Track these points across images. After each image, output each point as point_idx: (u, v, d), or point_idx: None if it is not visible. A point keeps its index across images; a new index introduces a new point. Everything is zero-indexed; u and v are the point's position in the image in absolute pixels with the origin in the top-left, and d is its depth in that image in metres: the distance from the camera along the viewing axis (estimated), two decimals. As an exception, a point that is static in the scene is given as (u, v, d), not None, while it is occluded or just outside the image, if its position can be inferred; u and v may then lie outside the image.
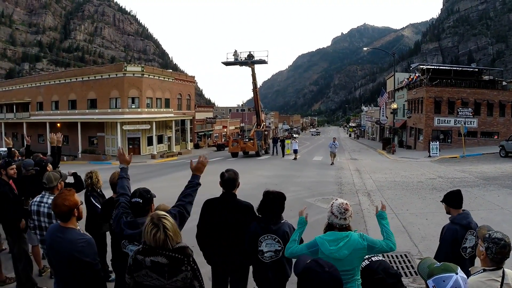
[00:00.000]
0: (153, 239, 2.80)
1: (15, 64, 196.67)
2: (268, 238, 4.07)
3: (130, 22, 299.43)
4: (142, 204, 3.73)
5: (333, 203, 3.66)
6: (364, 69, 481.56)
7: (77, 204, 3.70)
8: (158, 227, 2.81)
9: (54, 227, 3.75)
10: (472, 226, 4.44)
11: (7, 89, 61.40)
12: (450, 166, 24.27)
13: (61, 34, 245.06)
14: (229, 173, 4.50)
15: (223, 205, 4.43)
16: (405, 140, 49.53)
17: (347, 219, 3.60)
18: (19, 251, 5.94)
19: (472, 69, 47.58)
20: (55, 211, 3.65)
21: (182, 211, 3.84)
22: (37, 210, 5.14)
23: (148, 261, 2.85)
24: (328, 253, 3.48)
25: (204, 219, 4.48)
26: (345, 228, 3.62)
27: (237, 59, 42.18)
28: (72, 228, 3.63)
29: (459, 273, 2.37)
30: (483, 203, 12.08)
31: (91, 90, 47.69)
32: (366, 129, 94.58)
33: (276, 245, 4.08)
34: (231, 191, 4.49)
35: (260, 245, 4.08)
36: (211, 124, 70.25)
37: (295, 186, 16.98)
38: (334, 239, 3.55)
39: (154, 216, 2.90)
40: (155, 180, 21.31)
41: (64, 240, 3.51)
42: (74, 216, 3.67)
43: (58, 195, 3.71)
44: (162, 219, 2.86)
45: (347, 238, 3.53)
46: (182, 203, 3.90)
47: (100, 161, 39.71)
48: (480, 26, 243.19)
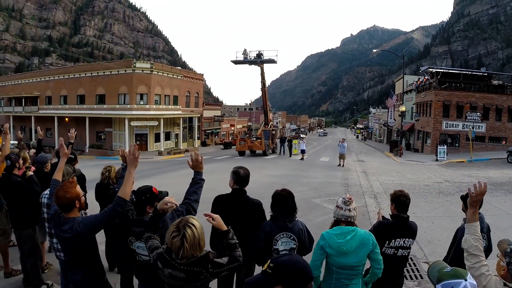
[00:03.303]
0: (170, 243, 2.78)
1: (24, 58, 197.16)
2: (284, 237, 4.07)
3: (139, 19, 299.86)
4: (143, 202, 3.79)
5: (337, 199, 3.80)
6: (372, 71, 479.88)
7: (79, 196, 3.78)
8: (179, 232, 2.74)
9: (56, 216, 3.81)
10: (484, 230, 4.43)
11: (17, 83, 61.76)
12: (457, 171, 24.19)
13: (71, 29, 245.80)
14: (244, 170, 4.61)
15: (235, 201, 4.50)
16: (412, 143, 49.33)
17: (352, 211, 3.69)
18: (31, 247, 5.95)
19: (481, 73, 47.24)
20: (57, 203, 3.72)
21: (189, 208, 3.86)
22: (47, 203, 5.19)
23: (167, 272, 2.86)
24: (336, 246, 3.56)
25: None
26: (351, 223, 3.69)
27: (246, 58, 42.08)
28: (73, 217, 3.71)
29: (469, 279, 2.37)
30: (490, 209, 12.02)
31: (100, 86, 47.96)
32: (374, 131, 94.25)
33: (291, 243, 4.08)
34: (243, 188, 4.57)
35: (276, 244, 4.07)
36: (219, 122, 70.23)
37: (302, 186, 16.96)
38: (340, 232, 3.63)
39: (182, 220, 2.82)
40: (162, 176, 21.38)
41: (67, 229, 3.62)
42: (76, 207, 3.76)
43: (60, 187, 3.78)
44: (187, 227, 2.75)
45: (353, 232, 3.61)
46: (189, 201, 3.92)
47: (107, 156, 39.84)
48: (490, 30, 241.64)
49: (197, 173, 4.14)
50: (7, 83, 64.72)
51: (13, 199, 5.97)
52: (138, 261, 3.84)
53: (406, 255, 4.37)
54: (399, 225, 4.29)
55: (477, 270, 2.80)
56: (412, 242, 4.28)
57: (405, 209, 4.33)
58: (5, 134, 6.49)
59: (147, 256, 3.54)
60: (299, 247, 4.11)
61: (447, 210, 11.92)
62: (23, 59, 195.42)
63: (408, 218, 4.33)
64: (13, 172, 6.02)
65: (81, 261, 3.76)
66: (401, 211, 4.32)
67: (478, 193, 3.00)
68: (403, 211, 4.31)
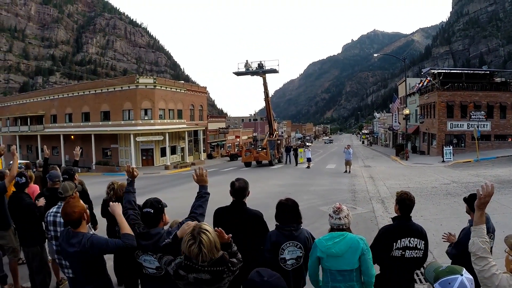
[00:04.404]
0: (188, 251, 2.87)
1: (28, 78, 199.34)
2: (291, 245, 4.09)
3: (141, 35, 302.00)
4: (153, 214, 3.80)
5: (329, 208, 3.93)
6: (375, 76, 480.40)
7: (84, 209, 3.86)
8: (195, 240, 2.85)
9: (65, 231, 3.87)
10: (490, 230, 4.46)
11: (22, 102, 62.37)
12: (464, 171, 24.08)
13: (73, 47, 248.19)
14: (239, 182, 4.60)
15: (233, 213, 4.53)
16: (418, 146, 49.18)
17: (342, 219, 3.78)
18: (40, 264, 6.01)
19: (483, 71, 47.22)
20: (66, 220, 3.78)
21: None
22: (53, 221, 5.24)
23: (191, 277, 2.94)
24: (325, 249, 3.67)
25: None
26: (342, 230, 3.78)
27: (248, 69, 42.17)
28: (82, 232, 3.77)
29: (464, 273, 2.40)
30: (498, 207, 11.96)
31: (104, 103, 48.25)
32: (379, 135, 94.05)
33: (298, 252, 4.11)
34: (241, 200, 4.58)
35: (282, 253, 4.09)
36: (224, 134, 70.40)
37: (309, 195, 16.94)
38: (330, 237, 3.75)
39: (195, 228, 2.94)
40: (169, 190, 21.44)
41: (75, 243, 3.67)
42: (84, 220, 3.83)
43: (65, 205, 3.82)
44: (201, 234, 2.88)
45: (342, 236, 3.71)
46: (195, 214, 3.98)
47: (114, 173, 39.92)
48: (490, 28, 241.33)
49: (202, 187, 4.22)
50: (12, 103, 65.41)
51: (22, 218, 6.03)
52: (145, 274, 3.88)
53: (415, 257, 4.26)
54: (400, 225, 4.29)
55: (487, 272, 2.79)
56: (419, 243, 4.24)
57: (408, 211, 4.34)
58: (13, 155, 6.58)
59: (154, 269, 3.65)
60: (306, 255, 4.12)
61: (455, 211, 11.85)
62: (27, 78, 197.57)
63: (409, 218, 4.34)
64: (24, 191, 6.15)
65: (89, 276, 3.80)
66: (404, 213, 4.33)
67: (486, 195, 2.98)
68: (406, 213, 4.32)
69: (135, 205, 4.27)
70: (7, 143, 53.24)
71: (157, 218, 3.83)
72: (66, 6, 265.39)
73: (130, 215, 4.04)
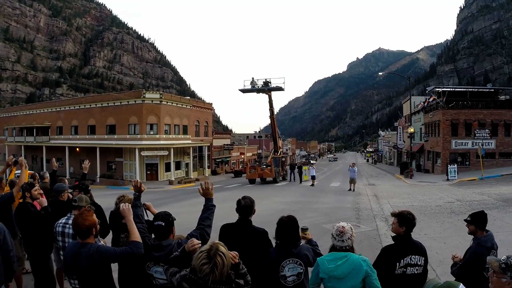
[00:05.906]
0: (199, 268, 2.84)
1: (35, 89, 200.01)
2: (291, 262, 4.12)
3: (148, 50, 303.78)
4: (164, 227, 3.94)
5: (334, 226, 3.96)
6: (380, 94, 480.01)
7: (96, 223, 3.96)
8: (210, 260, 2.82)
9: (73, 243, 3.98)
10: (494, 247, 4.58)
11: (28, 113, 62.93)
12: (469, 189, 23.98)
13: (81, 60, 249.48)
14: (245, 200, 4.66)
15: (239, 231, 4.59)
16: (422, 164, 49.09)
17: (345, 241, 3.83)
18: (45, 274, 6.06)
19: (488, 89, 47.35)
20: (75, 229, 3.88)
21: (203, 233, 4.11)
22: (62, 232, 5.33)
23: None
24: (328, 271, 3.72)
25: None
26: (345, 250, 3.82)
27: (254, 87, 42.24)
28: (89, 243, 3.87)
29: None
30: (502, 225, 11.95)
31: (110, 116, 48.57)
32: (384, 154, 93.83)
33: (298, 268, 4.13)
34: (247, 218, 4.66)
35: (283, 270, 4.11)
36: (229, 150, 70.59)
37: (313, 212, 16.96)
38: (332, 258, 3.78)
39: (213, 248, 2.90)
40: (174, 205, 21.39)
41: (82, 254, 3.76)
42: (93, 234, 3.92)
43: (78, 215, 3.93)
44: (217, 256, 2.84)
45: (345, 258, 3.73)
46: (202, 226, 4.18)
47: (118, 186, 40.00)
48: (495, 46, 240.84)
49: (208, 199, 4.41)
50: (18, 113, 66.06)
51: (28, 228, 6.08)
52: (155, 285, 3.97)
53: (416, 273, 4.29)
54: (402, 244, 4.34)
55: None
56: (420, 259, 4.27)
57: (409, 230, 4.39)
58: (21, 165, 6.67)
59: (165, 280, 3.74)
60: (307, 271, 4.20)
61: (459, 229, 11.82)
62: (34, 89, 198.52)
63: (410, 236, 4.39)
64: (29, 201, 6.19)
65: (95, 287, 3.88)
66: (406, 232, 4.38)
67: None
68: (407, 232, 4.37)
69: (143, 218, 4.38)
70: (12, 153, 53.43)
71: (168, 230, 3.98)
72: (75, 19, 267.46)
73: (139, 228, 4.11)
